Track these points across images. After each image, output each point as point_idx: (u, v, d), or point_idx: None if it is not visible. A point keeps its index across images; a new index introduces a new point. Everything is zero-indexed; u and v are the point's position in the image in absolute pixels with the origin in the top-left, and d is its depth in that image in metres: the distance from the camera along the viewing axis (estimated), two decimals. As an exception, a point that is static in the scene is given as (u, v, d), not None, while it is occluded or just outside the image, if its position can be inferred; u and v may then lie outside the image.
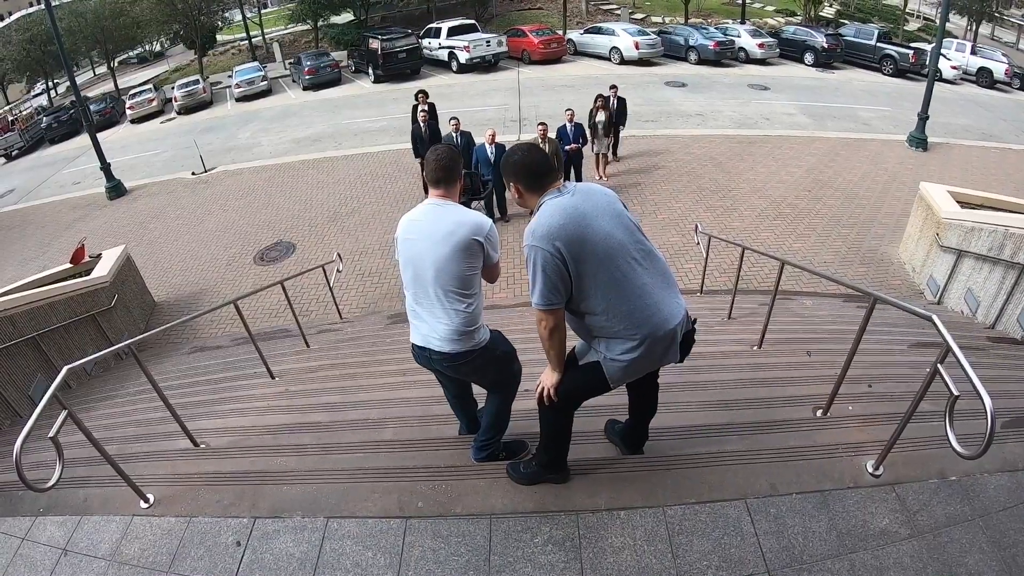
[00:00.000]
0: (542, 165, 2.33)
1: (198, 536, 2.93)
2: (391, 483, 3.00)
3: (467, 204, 6.84)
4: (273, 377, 5.03)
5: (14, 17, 29.63)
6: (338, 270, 7.68)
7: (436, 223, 2.58)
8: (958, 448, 2.18)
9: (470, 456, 3.07)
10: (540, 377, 2.51)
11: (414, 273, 2.64)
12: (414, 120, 10.55)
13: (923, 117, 13.05)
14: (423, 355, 2.77)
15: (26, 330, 6.35)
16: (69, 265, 8.44)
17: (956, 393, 2.23)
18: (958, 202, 7.61)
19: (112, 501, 3.27)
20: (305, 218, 11.28)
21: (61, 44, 13.64)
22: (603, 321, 2.30)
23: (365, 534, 2.74)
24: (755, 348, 4.70)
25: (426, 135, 10.29)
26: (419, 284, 2.64)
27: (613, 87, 11.67)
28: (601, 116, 10.74)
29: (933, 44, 13.79)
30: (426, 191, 7.85)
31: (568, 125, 10.35)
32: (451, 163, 2.67)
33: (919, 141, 13.24)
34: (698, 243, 7.41)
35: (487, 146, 9.40)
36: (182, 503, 3.12)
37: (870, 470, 2.79)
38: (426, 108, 10.40)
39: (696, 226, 7.38)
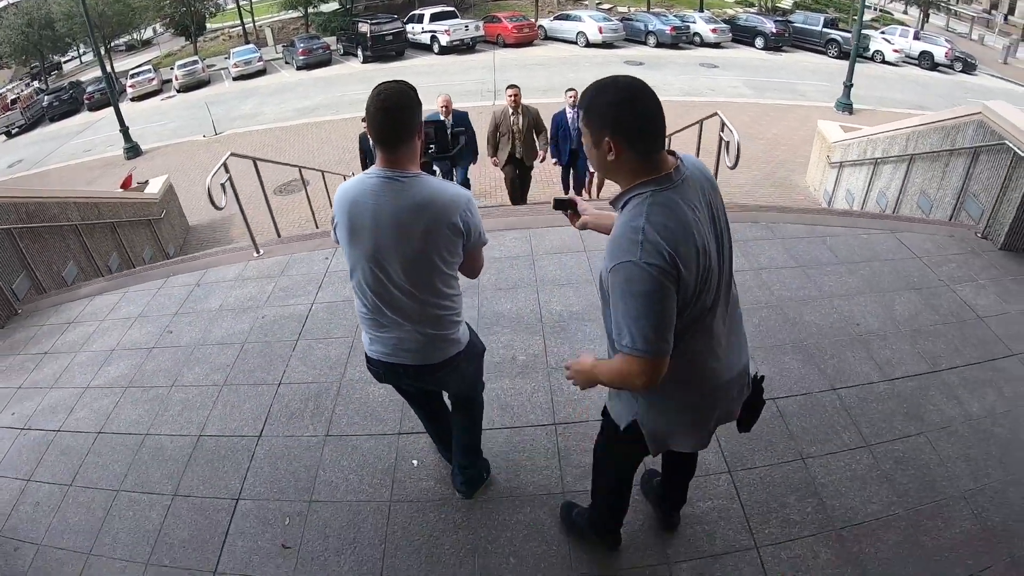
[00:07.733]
0: (659, 114, 1.48)
1: (298, 261, 4.73)
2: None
3: (427, 167, 5.22)
4: (317, 228, 6.80)
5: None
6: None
7: (396, 203, 1.86)
8: (728, 163, 4.06)
9: (459, 493, 2.64)
10: (580, 360, 1.74)
11: (374, 273, 1.95)
12: None
13: (848, 84, 15.18)
14: (391, 371, 2.17)
15: (106, 216, 8.01)
16: (120, 190, 10.10)
17: (727, 140, 4.11)
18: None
19: (230, 258, 5.05)
20: (315, 163, 12.92)
21: (90, 21, 15.03)
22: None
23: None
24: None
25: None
26: (381, 286, 1.97)
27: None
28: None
29: (857, 24, 15.90)
30: (364, 162, 7.32)
31: (568, 112, 7.02)
32: (405, 110, 1.82)
33: (845, 105, 15.35)
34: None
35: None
36: (284, 250, 4.93)
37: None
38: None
39: None
